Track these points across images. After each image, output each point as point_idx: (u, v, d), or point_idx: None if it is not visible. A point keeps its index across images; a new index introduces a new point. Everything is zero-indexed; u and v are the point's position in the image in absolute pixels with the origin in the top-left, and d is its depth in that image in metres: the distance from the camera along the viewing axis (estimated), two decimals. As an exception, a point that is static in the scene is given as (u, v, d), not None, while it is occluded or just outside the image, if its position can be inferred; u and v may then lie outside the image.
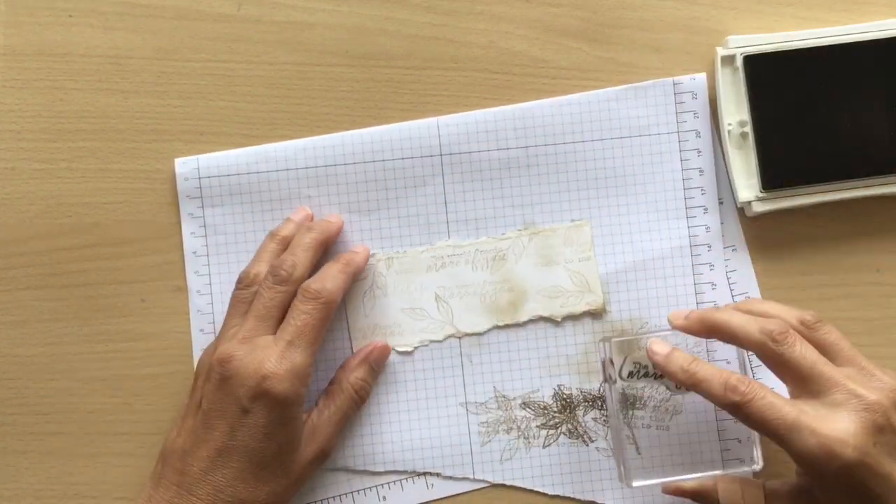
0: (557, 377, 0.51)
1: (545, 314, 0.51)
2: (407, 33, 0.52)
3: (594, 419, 0.51)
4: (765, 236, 0.52)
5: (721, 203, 0.52)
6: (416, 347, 0.51)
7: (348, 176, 0.51)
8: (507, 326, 0.51)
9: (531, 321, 0.51)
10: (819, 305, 0.51)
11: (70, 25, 0.52)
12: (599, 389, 0.51)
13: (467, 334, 0.51)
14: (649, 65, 0.52)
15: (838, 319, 0.51)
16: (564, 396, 0.51)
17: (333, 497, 0.51)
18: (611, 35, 0.52)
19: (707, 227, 0.51)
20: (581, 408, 0.51)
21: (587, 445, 0.51)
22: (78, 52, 0.52)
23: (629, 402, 0.50)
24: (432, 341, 0.51)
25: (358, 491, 0.51)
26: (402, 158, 0.51)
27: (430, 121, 0.51)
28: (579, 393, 0.51)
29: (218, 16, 0.52)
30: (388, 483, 0.51)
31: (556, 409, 0.51)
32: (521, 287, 0.51)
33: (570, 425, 0.51)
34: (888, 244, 0.52)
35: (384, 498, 0.51)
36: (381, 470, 0.50)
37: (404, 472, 0.51)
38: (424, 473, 0.51)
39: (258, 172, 0.51)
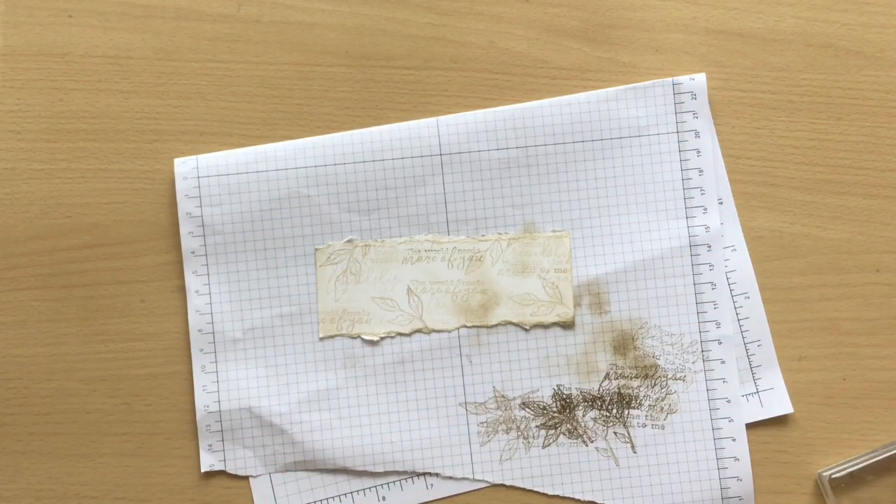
0: (557, 377, 0.51)
1: (514, 320, 0.51)
2: (407, 33, 0.52)
3: (594, 419, 0.51)
4: (765, 236, 0.52)
5: (721, 203, 0.52)
6: (382, 338, 0.51)
7: (348, 175, 0.51)
8: (477, 327, 0.51)
9: (501, 324, 0.51)
10: (819, 305, 0.51)
11: (70, 25, 0.52)
12: (598, 389, 0.51)
13: (434, 331, 0.51)
14: (649, 65, 0.52)
15: (838, 319, 0.51)
16: (564, 396, 0.51)
17: (333, 497, 0.51)
18: (611, 35, 0.52)
19: (707, 227, 0.51)
20: (580, 408, 0.51)
21: (587, 445, 0.51)
22: (78, 52, 0.52)
23: (625, 401, 0.51)
24: (399, 333, 0.51)
25: (358, 491, 0.51)
26: (402, 158, 0.51)
27: (430, 121, 0.51)
28: (578, 393, 0.51)
29: (218, 16, 0.52)
30: (388, 483, 0.51)
31: (555, 409, 0.51)
32: (494, 290, 0.51)
33: (569, 425, 0.51)
34: (888, 244, 0.52)
35: (384, 498, 0.51)
36: (381, 470, 0.51)
37: (404, 472, 0.51)
38: (424, 473, 0.51)
39: (257, 172, 0.51)
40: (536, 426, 0.51)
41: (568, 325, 0.51)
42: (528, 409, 0.51)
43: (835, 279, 0.52)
